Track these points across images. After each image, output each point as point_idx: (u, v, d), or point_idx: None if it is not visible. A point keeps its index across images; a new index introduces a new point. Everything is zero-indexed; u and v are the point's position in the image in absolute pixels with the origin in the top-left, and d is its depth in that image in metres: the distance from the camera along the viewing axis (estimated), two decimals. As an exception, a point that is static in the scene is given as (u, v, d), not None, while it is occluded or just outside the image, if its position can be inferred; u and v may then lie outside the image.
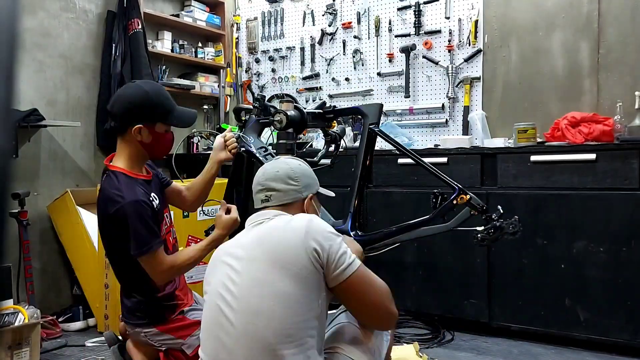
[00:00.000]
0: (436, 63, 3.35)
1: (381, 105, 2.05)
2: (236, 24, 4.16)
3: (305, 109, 1.98)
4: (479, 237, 1.71)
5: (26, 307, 2.41)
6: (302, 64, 3.87)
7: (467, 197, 1.73)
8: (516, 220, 1.68)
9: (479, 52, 3.23)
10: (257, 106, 2.14)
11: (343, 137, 2.16)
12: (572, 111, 2.78)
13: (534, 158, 2.57)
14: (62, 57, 3.14)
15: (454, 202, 1.74)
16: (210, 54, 4.07)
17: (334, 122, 2.20)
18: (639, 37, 2.81)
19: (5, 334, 2.20)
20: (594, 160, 2.43)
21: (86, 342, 2.71)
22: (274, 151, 2.05)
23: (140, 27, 3.34)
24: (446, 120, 3.33)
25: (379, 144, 2.92)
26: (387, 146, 2.05)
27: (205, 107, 4.02)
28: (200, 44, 4.00)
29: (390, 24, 3.51)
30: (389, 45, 3.54)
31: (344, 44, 3.70)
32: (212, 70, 4.13)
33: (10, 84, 0.46)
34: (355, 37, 3.64)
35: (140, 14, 3.38)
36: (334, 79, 3.74)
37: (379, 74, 3.57)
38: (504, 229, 1.68)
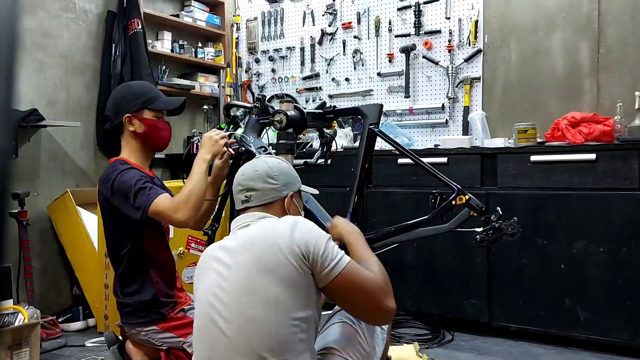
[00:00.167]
0: (436, 63, 3.35)
1: (381, 106, 2.05)
2: (236, 24, 4.16)
3: (305, 109, 1.98)
4: (478, 239, 1.71)
5: (26, 307, 2.40)
6: (302, 64, 3.87)
7: (466, 197, 1.72)
8: (515, 221, 1.68)
9: (479, 52, 3.23)
10: (257, 106, 2.14)
11: (334, 139, 2.17)
12: (572, 111, 2.78)
13: (534, 158, 2.57)
14: (62, 57, 3.14)
15: (453, 202, 1.74)
16: (210, 54, 4.07)
17: (333, 123, 2.19)
18: (639, 37, 2.82)
19: (5, 334, 2.20)
20: (594, 160, 2.43)
21: (86, 342, 2.72)
22: (273, 151, 2.04)
23: (140, 27, 3.34)
24: (446, 120, 3.33)
25: (380, 144, 2.93)
26: (387, 146, 2.04)
27: (205, 107, 4.02)
28: (200, 44, 4.00)
29: (390, 24, 3.51)
30: (389, 45, 3.54)
31: (344, 44, 3.70)
32: (212, 70, 4.13)
33: (10, 84, 0.45)
34: (355, 37, 3.64)
35: (140, 14, 3.38)
36: (333, 79, 3.74)
37: (379, 74, 3.57)
38: (502, 230, 1.68)
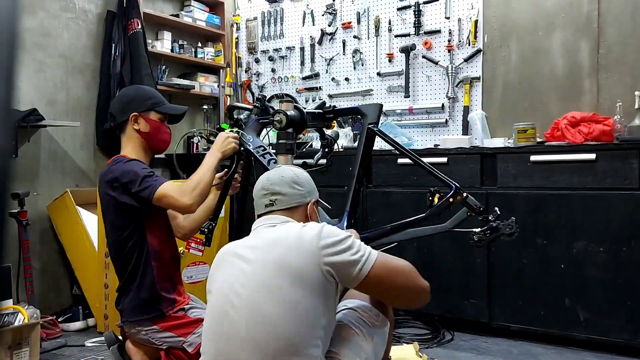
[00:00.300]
0: (436, 63, 3.35)
1: (381, 105, 2.04)
2: (236, 24, 4.16)
3: (305, 109, 1.98)
4: (475, 239, 1.70)
5: (26, 307, 2.40)
6: (302, 64, 3.87)
7: (463, 195, 1.71)
8: (513, 221, 1.68)
9: (478, 52, 3.23)
10: (258, 106, 2.15)
11: (336, 141, 2.18)
12: (572, 111, 2.78)
13: (533, 158, 2.57)
14: (62, 57, 3.14)
15: (450, 199, 1.73)
16: (210, 54, 4.07)
17: (333, 122, 2.19)
18: (639, 37, 2.81)
19: (5, 334, 2.20)
20: (594, 160, 2.43)
21: (86, 342, 2.71)
22: (273, 151, 2.04)
23: (139, 27, 3.34)
24: (446, 120, 3.33)
25: (380, 144, 2.93)
26: (387, 146, 2.04)
27: (205, 107, 4.02)
28: (200, 44, 4.00)
29: (390, 24, 3.51)
30: (388, 45, 3.54)
31: (343, 44, 3.70)
32: (212, 70, 4.13)
33: (10, 84, 0.45)
34: (355, 37, 3.63)
35: (139, 14, 3.37)
36: (333, 79, 3.74)
37: (378, 74, 3.57)
38: (500, 230, 1.67)
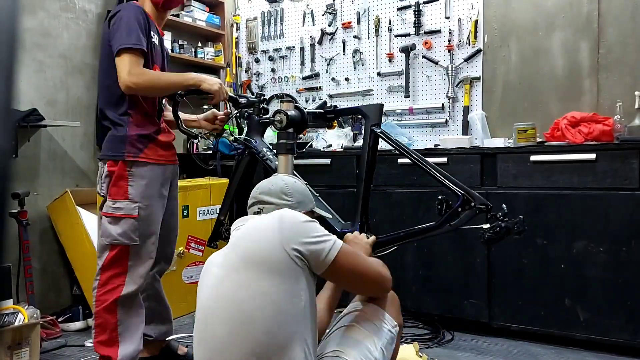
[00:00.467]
0: (436, 63, 3.35)
1: (382, 106, 2.04)
2: (236, 23, 4.16)
3: (305, 109, 1.98)
4: (486, 237, 1.71)
5: (26, 307, 2.40)
6: (302, 63, 3.87)
7: (472, 204, 1.71)
8: (521, 219, 1.69)
9: (478, 52, 3.23)
10: (257, 100, 2.18)
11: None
12: (572, 111, 2.78)
13: (533, 158, 2.57)
14: (62, 57, 3.14)
15: (459, 209, 1.74)
16: (210, 54, 4.06)
17: (334, 122, 2.20)
18: (639, 37, 2.81)
19: (5, 334, 2.20)
20: (594, 160, 2.43)
21: (86, 342, 2.71)
22: (274, 151, 2.04)
23: (140, 27, 3.34)
24: (446, 120, 3.33)
25: (380, 144, 2.93)
26: (387, 146, 2.04)
27: (205, 107, 4.02)
28: (200, 44, 4.00)
29: (390, 23, 3.51)
30: (388, 45, 3.54)
31: (343, 43, 3.70)
32: (212, 70, 4.13)
33: (10, 84, 0.45)
34: (355, 37, 3.63)
35: (140, 13, 3.37)
36: (333, 79, 3.74)
37: (378, 73, 3.57)
38: (510, 228, 1.69)
